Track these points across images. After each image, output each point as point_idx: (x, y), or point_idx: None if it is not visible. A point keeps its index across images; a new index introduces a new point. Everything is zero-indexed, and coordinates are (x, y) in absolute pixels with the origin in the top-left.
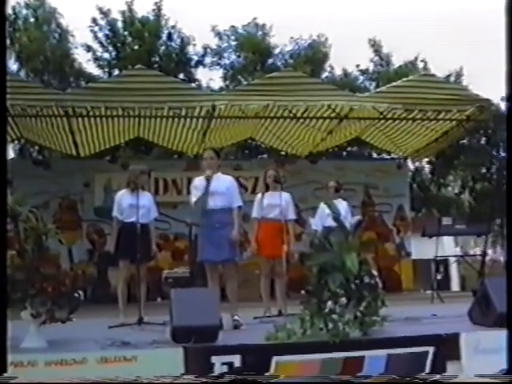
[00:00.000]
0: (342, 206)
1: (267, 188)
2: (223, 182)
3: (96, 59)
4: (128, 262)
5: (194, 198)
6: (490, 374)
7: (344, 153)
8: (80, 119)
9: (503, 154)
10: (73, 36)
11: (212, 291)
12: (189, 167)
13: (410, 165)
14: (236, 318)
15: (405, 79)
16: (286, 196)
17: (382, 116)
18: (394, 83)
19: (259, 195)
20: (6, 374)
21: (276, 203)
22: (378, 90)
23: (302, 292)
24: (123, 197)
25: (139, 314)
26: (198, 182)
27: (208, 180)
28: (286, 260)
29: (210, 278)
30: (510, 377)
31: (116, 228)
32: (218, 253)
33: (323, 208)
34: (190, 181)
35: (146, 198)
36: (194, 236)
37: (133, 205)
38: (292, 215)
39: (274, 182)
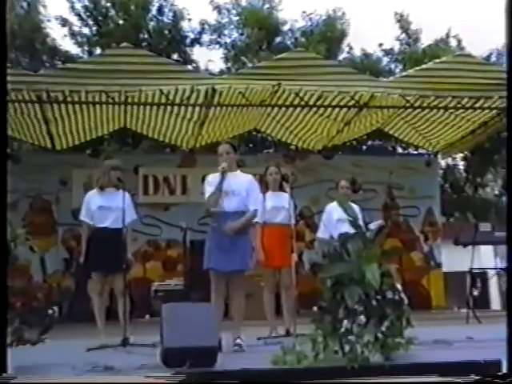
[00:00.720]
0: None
1: (267, 187)
2: (242, 181)
3: (73, 35)
4: (101, 274)
5: (207, 195)
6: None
7: (363, 147)
8: (56, 106)
9: None
10: (44, 6)
11: (210, 307)
12: (183, 163)
13: (441, 161)
14: (238, 340)
15: (436, 61)
16: (286, 197)
17: (408, 104)
18: (424, 65)
19: (260, 196)
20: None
21: (282, 205)
22: (405, 73)
23: (314, 308)
24: (92, 198)
25: (124, 334)
26: (213, 178)
27: (223, 173)
28: (295, 271)
29: (215, 290)
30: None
31: (85, 234)
32: (228, 262)
33: (332, 211)
34: (184, 178)
35: (119, 199)
36: (189, 242)
37: (103, 207)
38: (294, 219)
39: (274, 180)
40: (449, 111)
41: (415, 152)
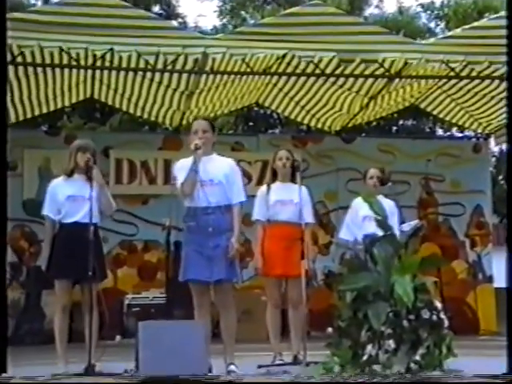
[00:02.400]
0: (386, 205)
1: (275, 177)
2: (220, 166)
3: None
4: (67, 283)
5: (180, 183)
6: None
7: (394, 128)
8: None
9: None
10: None
11: (197, 326)
12: (166, 145)
13: (494, 147)
14: (232, 367)
15: (491, 17)
16: (302, 190)
17: (453, 73)
18: (475, 23)
19: (263, 188)
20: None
21: (290, 199)
22: (449, 33)
23: (329, 330)
24: (57, 187)
25: (88, 360)
26: (186, 162)
27: (197, 151)
28: (305, 282)
29: (198, 306)
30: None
31: (49, 233)
32: (210, 270)
33: (358, 207)
34: (167, 164)
35: (91, 187)
36: (172, 244)
37: (72, 197)
38: (311, 218)
39: (285, 167)
40: (506, 82)
41: (460, 135)
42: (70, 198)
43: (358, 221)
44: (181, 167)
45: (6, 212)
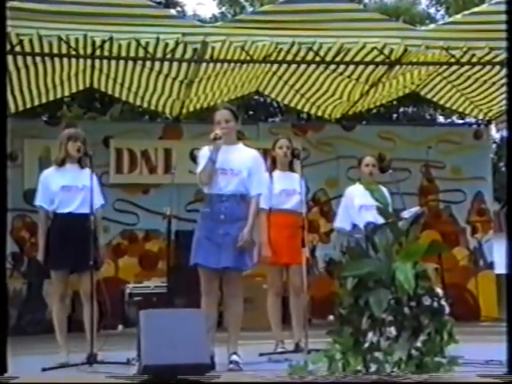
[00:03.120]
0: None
1: (274, 165)
2: (244, 157)
3: None
4: (64, 273)
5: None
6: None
7: (394, 115)
8: None
9: None
10: None
11: (199, 314)
12: (166, 134)
13: (495, 133)
14: (234, 357)
15: (491, 2)
16: (297, 178)
17: (453, 60)
18: (475, 8)
19: (266, 179)
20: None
21: (293, 189)
22: (449, 19)
23: (330, 317)
24: (50, 176)
25: (90, 350)
26: (207, 150)
27: (216, 141)
28: (306, 270)
29: (206, 293)
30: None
31: (43, 223)
32: (218, 257)
33: (352, 195)
34: (167, 153)
35: (85, 176)
36: (173, 233)
37: (66, 187)
38: (305, 207)
39: (285, 156)
40: (506, 68)
41: (460, 121)
42: (64, 188)
43: (355, 210)
44: (203, 155)
45: (6, 203)
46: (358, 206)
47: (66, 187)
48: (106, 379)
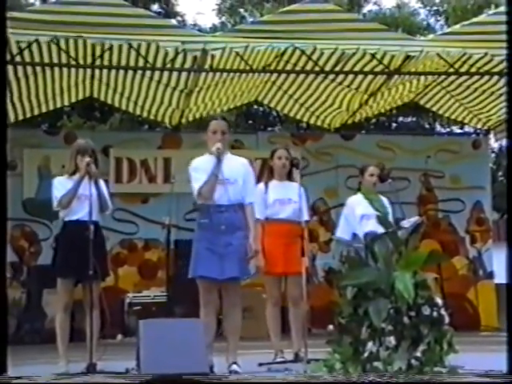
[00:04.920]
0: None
1: (271, 175)
2: (236, 165)
3: None
4: (70, 282)
5: (197, 185)
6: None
7: (393, 124)
8: None
9: None
10: None
11: (198, 324)
12: (166, 143)
13: (494, 143)
14: (234, 366)
15: (490, 12)
16: (295, 187)
17: (452, 70)
18: (474, 19)
19: (261, 186)
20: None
21: (288, 198)
22: (448, 30)
23: (330, 327)
24: (64, 183)
25: (89, 359)
26: (201, 163)
27: (219, 157)
28: (305, 279)
29: (206, 304)
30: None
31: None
32: (221, 268)
33: (353, 205)
34: (166, 163)
35: (93, 185)
36: (173, 243)
37: (78, 196)
38: (307, 216)
39: (284, 166)
40: (506, 77)
41: (459, 131)
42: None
43: (356, 220)
44: (196, 167)
45: (6, 212)
46: (359, 215)
47: (76, 195)
48: (106, 379)
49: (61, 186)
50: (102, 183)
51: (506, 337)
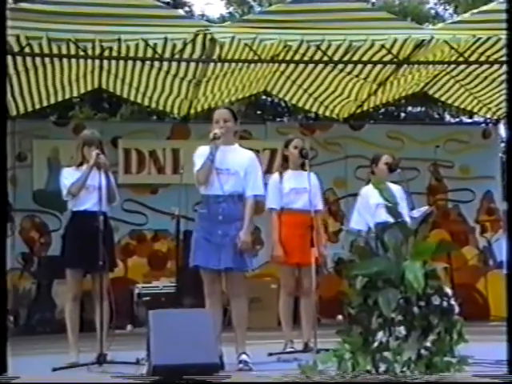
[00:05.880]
0: (395, 191)
1: (285, 165)
2: (240, 157)
3: None
4: (79, 273)
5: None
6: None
7: (402, 114)
8: (10, 58)
9: None
10: None
11: (208, 314)
12: (174, 134)
13: (504, 132)
14: (243, 357)
15: (500, 0)
16: (312, 177)
17: (462, 59)
18: (483, 7)
19: (275, 176)
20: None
21: (303, 187)
22: (458, 18)
23: (339, 317)
24: (72, 174)
25: (100, 349)
26: (204, 150)
27: (215, 141)
28: (315, 270)
29: (208, 294)
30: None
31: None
32: (218, 258)
33: (368, 194)
34: (175, 153)
35: (102, 175)
36: (182, 233)
37: (86, 186)
38: (321, 205)
39: (299, 157)
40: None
41: (469, 120)
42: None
43: (371, 209)
44: (200, 154)
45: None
46: (373, 204)
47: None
48: (114, 379)
49: (69, 175)
50: (110, 175)
51: (506, 326)
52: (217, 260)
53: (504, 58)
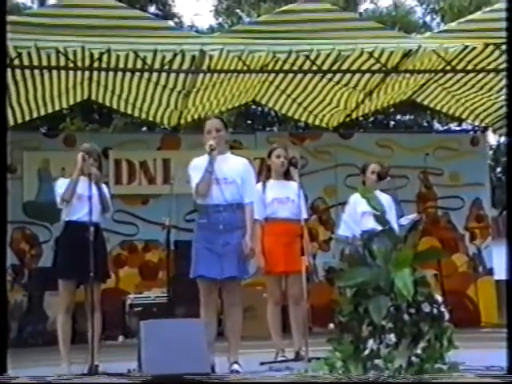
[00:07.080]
0: (384, 200)
1: (268, 175)
2: (236, 165)
3: None
4: (72, 284)
5: (195, 183)
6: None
7: (391, 123)
8: None
9: None
10: None
11: (199, 324)
12: (165, 144)
13: (492, 139)
14: (235, 366)
15: (486, 10)
16: (294, 186)
17: (449, 67)
18: (470, 16)
19: (259, 186)
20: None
21: (286, 196)
22: (445, 27)
23: (330, 325)
24: (64, 183)
25: (91, 360)
26: (200, 162)
27: (212, 153)
28: (305, 278)
29: (206, 304)
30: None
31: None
32: (220, 268)
33: (356, 203)
34: (165, 164)
35: (93, 186)
36: (173, 244)
37: (79, 196)
38: (306, 214)
39: (282, 165)
40: (502, 74)
41: (457, 128)
42: (75, 196)
43: (357, 217)
44: (194, 167)
45: (6, 215)
46: (360, 212)
47: (77, 195)
48: (108, 379)
49: (64, 185)
50: (103, 186)
51: (506, 333)
52: (219, 269)
53: (490, 67)
